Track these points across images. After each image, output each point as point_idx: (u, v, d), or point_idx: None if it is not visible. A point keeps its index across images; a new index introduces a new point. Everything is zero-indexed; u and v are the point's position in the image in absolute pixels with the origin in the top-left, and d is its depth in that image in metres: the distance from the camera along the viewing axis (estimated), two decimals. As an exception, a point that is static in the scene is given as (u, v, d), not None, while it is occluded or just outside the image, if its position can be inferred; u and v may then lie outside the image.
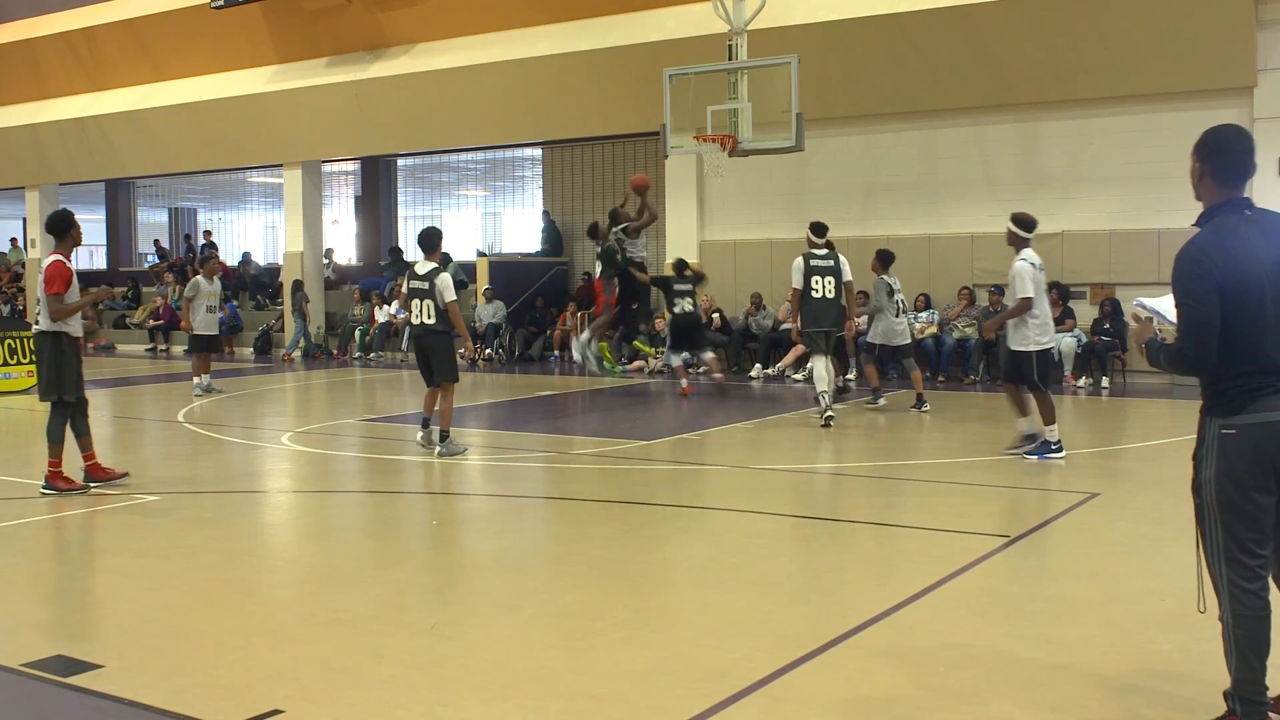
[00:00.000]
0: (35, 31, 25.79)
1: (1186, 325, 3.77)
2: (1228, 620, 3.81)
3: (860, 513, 7.99)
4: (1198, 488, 3.89)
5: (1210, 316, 3.71)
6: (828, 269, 12.15)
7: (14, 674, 4.75)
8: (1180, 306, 3.80)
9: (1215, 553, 3.85)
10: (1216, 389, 3.82)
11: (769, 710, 4.31)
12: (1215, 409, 3.83)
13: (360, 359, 21.86)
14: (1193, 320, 3.75)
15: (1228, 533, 3.80)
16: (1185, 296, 3.77)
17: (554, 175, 24.32)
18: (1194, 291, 3.74)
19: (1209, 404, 3.86)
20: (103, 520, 7.94)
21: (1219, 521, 3.82)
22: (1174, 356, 3.85)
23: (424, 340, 10.42)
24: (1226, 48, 14.86)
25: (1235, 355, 3.74)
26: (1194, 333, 3.75)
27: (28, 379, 16.40)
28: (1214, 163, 3.91)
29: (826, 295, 12.13)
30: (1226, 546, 3.80)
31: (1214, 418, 3.83)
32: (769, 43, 15.37)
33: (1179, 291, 3.80)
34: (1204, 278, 3.73)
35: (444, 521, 8.00)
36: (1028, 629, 5.19)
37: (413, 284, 10.41)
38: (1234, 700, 3.85)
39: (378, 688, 4.54)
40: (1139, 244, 15.87)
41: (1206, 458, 3.84)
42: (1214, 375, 3.81)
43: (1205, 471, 3.84)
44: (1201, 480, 3.86)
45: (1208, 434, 3.85)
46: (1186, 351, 3.78)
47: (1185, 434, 11.32)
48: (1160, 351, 3.93)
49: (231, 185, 32.26)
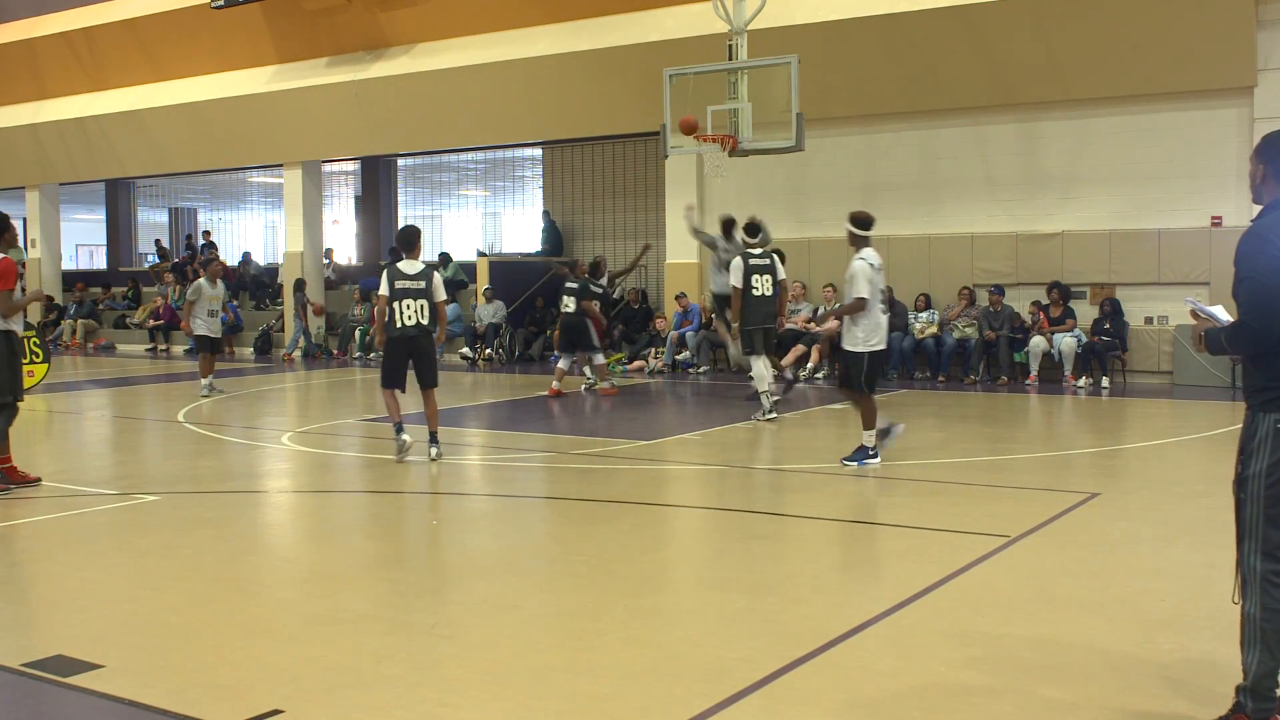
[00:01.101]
0: (35, 31, 25.79)
1: (1250, 299, 3.81)
2: (1255, 614, 3.83)
3: (861, 512, 7.99)
4: (1243, 482, 3.89)
5: (1274, 291, 3.75)
6: (765, 268, 12.54)
7: (14, 674, 4.75)
8: (1243, 281, 3.84)
9: (1252, 547, 3.86)
10: (1271, 381, 3.83)
11: (769, 710, 4.31)
12: (1271, 404, 3.83)
13: (360, 359, 21.86)
14: (1256, 294, 3.79)
15: (1271, 527, 3.82)
16: (1249, 271, 3.82)
17: (554, 175, 24.32)
18: (1258, 267, 3.79)
19: (1263, 399, 3.86)
20: (103, 520, 7.94)
21: (1263, 516, 3.83)
22: (1235, 331, 3.88)
23: (419, 341, 9.99)
24: (1227, 48, 14.87)
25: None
26: (1257, 306, 3.79)
27: (27, 379, 16.26)
28: (1276, 163, 3.93)
29: (765, 294, 12.49)
30: (1267, 541, 3.83)
31: (1268, 413, 3.84)
32: (769, 43, 15.37)
33: (1241, 268, 3.85)
34: (1268, 253, 3.78)
35: (444, 521, 7.99)
36: (1028, 629, 5.19)
37: (401, 284, 9.90)
38: (1247, 695, 3.85)
39: (378, 687, 4.54)
40: (1139, 244, 15.88)
41: (1258, 452, 3.84)
42: (1270, 364, 3.83)
43: (1255, 465, 3.84)
44: (1249, 474, 3.86)
45: (1260, 428, 3.85)
46: (1251, 324, 3.81)
47: (1186, 434, 11.36)
48: (1221, 332, 3.96)
49: (231, 185, 32.26)
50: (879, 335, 9.85)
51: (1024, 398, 14.69)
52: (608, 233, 23.41)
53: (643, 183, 22.63)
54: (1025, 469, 9.50)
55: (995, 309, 16.36)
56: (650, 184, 22.11)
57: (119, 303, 28.45)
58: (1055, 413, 13.66)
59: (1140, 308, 15.89)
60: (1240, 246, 3.89)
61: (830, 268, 17.98)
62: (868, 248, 10.09)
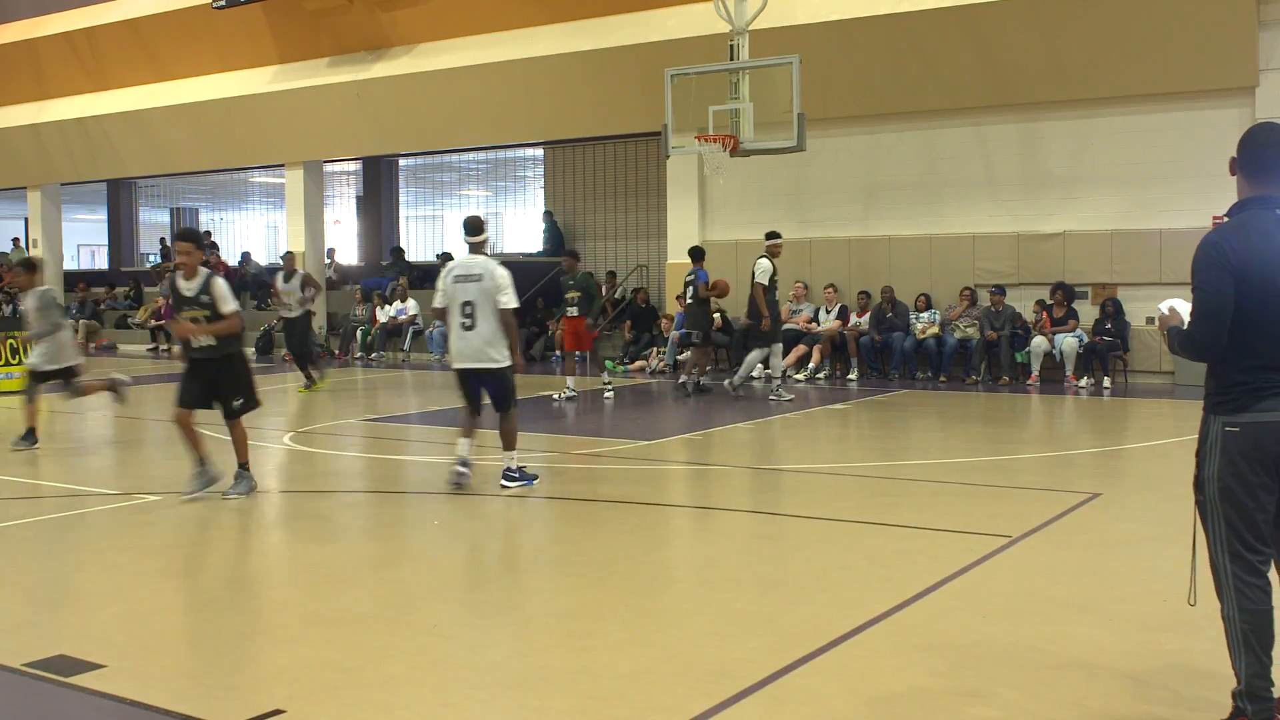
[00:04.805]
0: (37, 31, 25.80)
1: (1198, 310, 3.81)
2: (1233, 616, 3.82)
3: (862, 512, 7.98)
4: (1200, 484, 3.92)
5: (1223, 304, 3.75)
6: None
7: (15, 674, 4.75)
8: (1195, 291, 3.84)
9: (1219, 549, 3.87)
10: (1221, 385, 3.85)
11: (771, 710, 4.30)
12: (1219, 407, 3.85)
13: (361, 359, 21.86)
14: (1205, 305, 3.79)
15: (1231, 528, 3.83)
16: (1200, 282, 3.81)
17: (555, 175, 24.32)
18: (1208, 278, 3.79)
19: (1213, 402, 3.88)
20: (103, 520, 7.94)
21: (1221, 517, 3.85)
22: (1185, 340, 3.89)
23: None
24: (1228, 48, 14.86)
25: (1243, 349, 3.78)
26: (1204, 318, 3.79)
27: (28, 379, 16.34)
28: (1243, 157, 3.92)
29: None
30: (1229, 542, 3.83)
31: (1218, 415, 3.85)
32: (770, 43, 15.37)
33: (1194, 276, 3.84)
34: (1220, 265, 3.77)
35: (445, 521, 7.99)
36: (1030, 629, 5.19)
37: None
38: (1244, 699, 3.84)
39: (379, 688, 4.53)
40: (1140, 244, 15.86)
41: (1209, 455, 3.86)
42: (1220, 369, 3.84)
43: (1208, 469, 3.87)
44: (1204, 477, 3.89)
45: (1210, 431, 3.87)
46: (1196, 336, 3.82)
47: (1187, 434, 11.31)
48: (1175, 336, 3.97)
49: (233, 185, 32.27)
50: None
51: (1025, 398, 14.68)
52: (609, 233, 23.41)
53: (644, 183, 22.63)
54: (1027, 469, 9.50)
55: (996, 309, 16.35)
56: (652, 184, 22.11)
57: (121, 303, 28.46)
58: (1057, 413, 13.65)
59: (1141, 308, 15.87)
60: (1196, 254, 3.86)
61: (831, 268, 18.01)
62: (480, 253, 8.88)
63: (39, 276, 11.21)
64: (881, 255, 17.71)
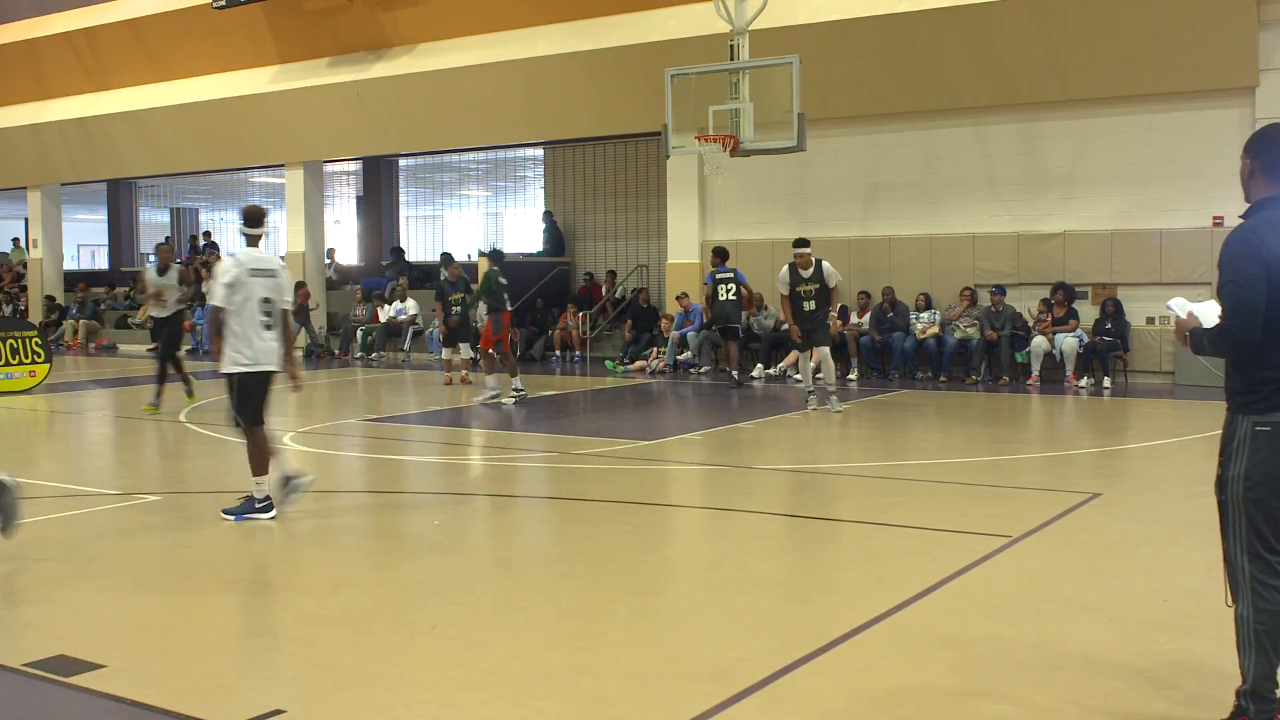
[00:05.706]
0: (37, 31, 25.79)
1: (1232, 303, 3.80)
2: (1248, 616, 3.83)
3: (861, 512, 7.98)
4: (1223, 484, 3.90)
5: (1257, 297, 3.75)
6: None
7: (15, 674, 4.75)
8: (1227, 285, 3.83)
9: (1238, 548, 3.86)
10: (1249, 384, 3.84)
11: (770, 710, 4.30)
12: (1249, 406, 3.84)
13: (362, 359, 21.86)
14: (1240, 298, 3.78)
15: (1253, 529, 3.82)
16: (1233, 275, 3.80)
17: (555, 175, 24.32)
18: (1242, 271, 3.78)
19: (1241, 401, 3.87)
20: (103, 520, 7.94)
21: (1245, 518, 3.84)
22: (1218, 335, 3.87)
23: None
24: (1228, 48, 14.85)
25: (1271, 346, 3.78)
26: (1240, 311, 3.78)
27: (29, 379, 16.42)
28: (1264, 158, 3.91)
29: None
30: (1250, 543, 3.83)
31: (1247, 415, 3.84)
32: (770, 43, 15.36)
33: (1226, 270, 3.83)
34: (1253, 258, 3.77)
35: (445, 521, 7.99)
36: (1030, 628, 5.19)
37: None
38: (1248, 698, 3.85)
39: (379, 687, 4.53)
40: (1140, 244, 15.86)
41: (1237, 454, 3.85)
42: (1245, 367, 3.83)
43: (1234, 468, 3.85)
44: (1229, 477, 3.87)
45: (1239, 431, 3.85)
46: (1234, 330, 3.80)
47: (1187, 434, 11.34)
48: (1205, 334, 3.94)
49: (233, 185, 32.26)
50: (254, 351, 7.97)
51: (1025, 398, 14.68)
52: (609, 233, 23.41)
53: (644, 183, 22.63)
54: (1027, 469, 9.50)
55: (997, 309, 16.35)
56: (652, 184, 22.10)
57: (120, 303, 28.46)
58: (1057, 413, 13.65)
59: (1142, 308, 15.87)
60: (1227, 247, 3.86)
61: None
62: (254, 247, 8.46)
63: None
64: (882, 255, 17.71)
